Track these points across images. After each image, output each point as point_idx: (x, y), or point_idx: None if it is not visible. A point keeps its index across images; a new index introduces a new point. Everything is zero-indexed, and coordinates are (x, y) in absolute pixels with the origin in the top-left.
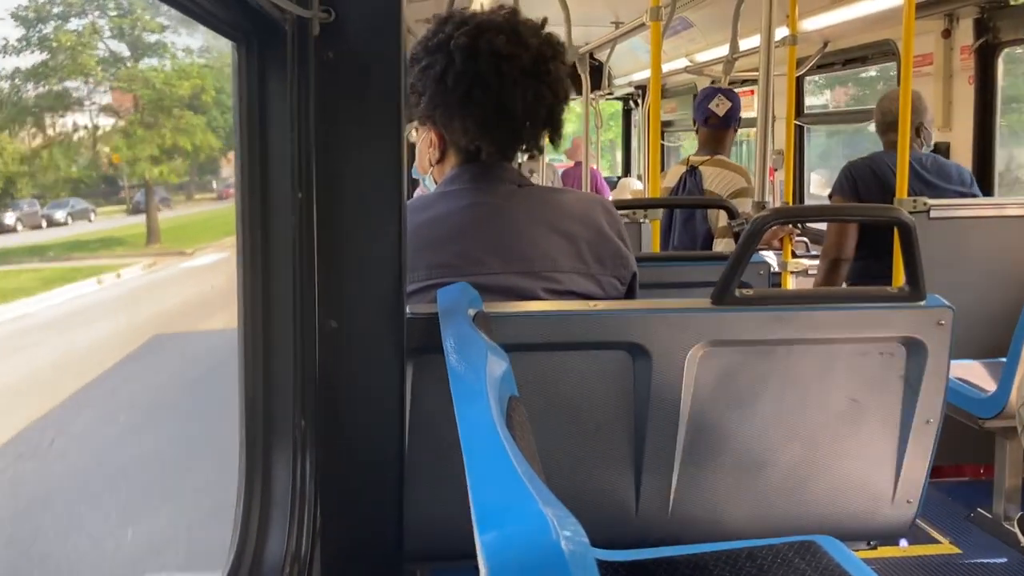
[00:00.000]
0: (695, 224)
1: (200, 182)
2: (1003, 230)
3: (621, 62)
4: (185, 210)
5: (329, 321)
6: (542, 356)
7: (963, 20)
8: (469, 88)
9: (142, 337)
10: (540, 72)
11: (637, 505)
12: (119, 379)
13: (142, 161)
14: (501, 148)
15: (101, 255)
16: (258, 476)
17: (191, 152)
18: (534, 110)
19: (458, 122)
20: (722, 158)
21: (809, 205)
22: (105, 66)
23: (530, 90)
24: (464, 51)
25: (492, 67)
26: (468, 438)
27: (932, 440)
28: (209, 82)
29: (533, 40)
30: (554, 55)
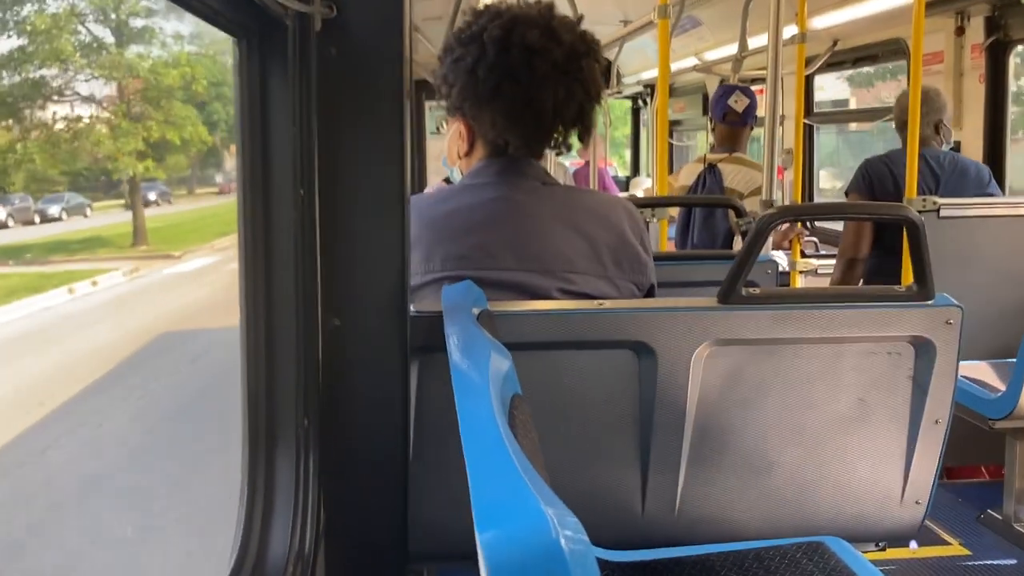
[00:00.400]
0: (715, 222)
1: (202, 176)
2: (1014, 229)
3: (630, 61)
4: (186, 205)
5: (332, 319)
6: (547, 355)
7: (974, 18)
8: (499, 81)
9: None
10: (572, 69)
11: (643, 505)
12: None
13: (125, 155)
14: (528, 143)
15: (80, 258)
16: (261, 476)
17: (180, 146)
18: (565, 107)
19: (487, 114)
20: (741, 155)
21: (816, 203)
22: (85, 52)
23: (561, 86)
24: (497, 43)
25: (524, 61)
26: (469, 436)
27: (941, 441)
28: (200, 71)
29: (567, 36)
30: (587, 52)
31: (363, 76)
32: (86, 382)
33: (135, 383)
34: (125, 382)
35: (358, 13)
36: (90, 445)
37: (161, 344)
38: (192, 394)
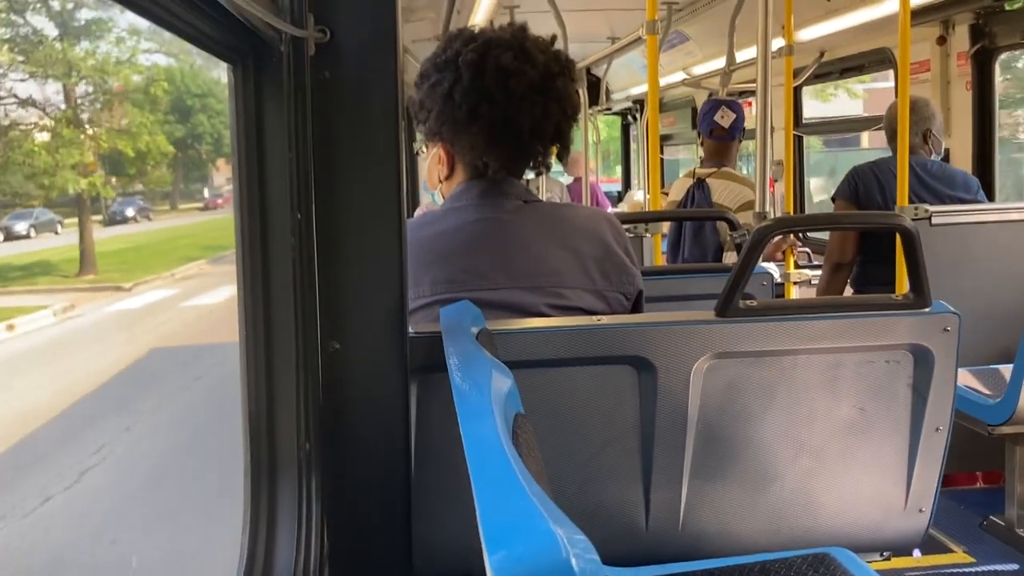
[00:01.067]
0: (705, 236)
1: (187, 191)
2: (1005, 235)
3: (618, 77)
4: (167, 221)
5: (331, 342)
6: (547, 372)
7: (959, 26)
8: (476, 104)
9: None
10: (547, 88)
11: (647, 520)
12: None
13: (64, 169)
14: (508, 164)
15: (13, 289)
16: (264, 500)
17: (134, 159)
18: (541, 126)
19: (465, 137)
20: (729, 170)
21: (811, 215)
22: (18, 47)
23: (537, 106)
24: (472, 67)
25: (499, 83)
26: (475, 457)
27: (942, 448)
28: (161, 72)
29: (540, 56)
30: (561, 71)
31: (357, 99)
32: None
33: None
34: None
35: (351, 37)
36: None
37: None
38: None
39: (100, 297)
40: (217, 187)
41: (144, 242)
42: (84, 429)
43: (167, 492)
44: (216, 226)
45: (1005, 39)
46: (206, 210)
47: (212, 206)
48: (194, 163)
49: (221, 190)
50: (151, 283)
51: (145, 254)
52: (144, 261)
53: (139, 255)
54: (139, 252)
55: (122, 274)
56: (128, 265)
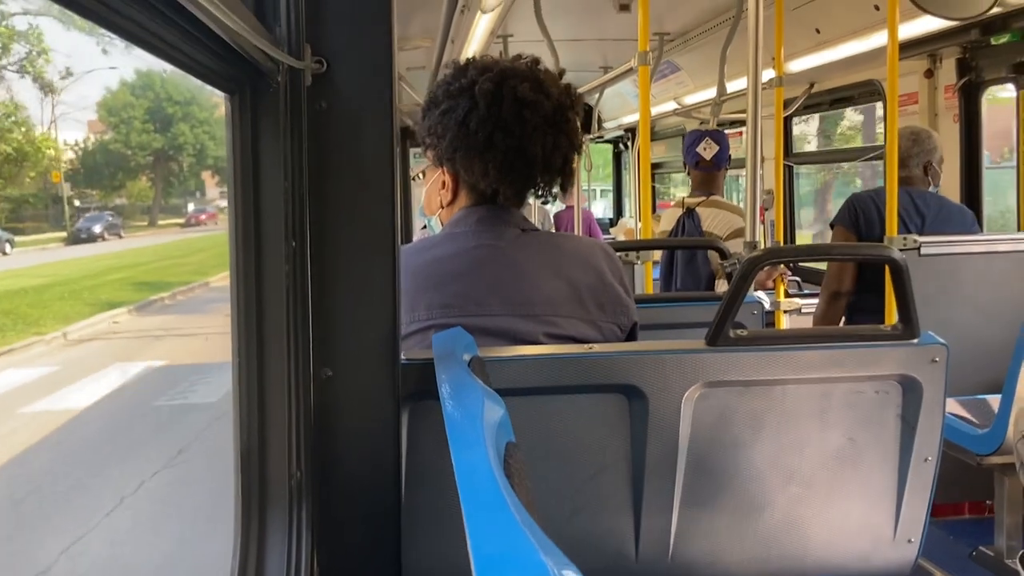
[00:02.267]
0: (697, 265)
1: (168, 205)
2: (994, 266)
3: (610, 105)
4: (140, 240)
5: (324, 370)
6: (538, 400)
7: (946, 60)
8: (492, 132)
9: None
10: (559, 120)
11: (637, 550)
12: None
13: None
14: (518, 192)
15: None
16: (254, 528)
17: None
18: (552, 157)
19: (479, 165)
20: (717, 199)
21: (800, 245)
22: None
23: (549, 137)
24: (488, 96)
25: (515, 113)
26: (466, 486)
27: (931, 478)
28: (45, 42)
29: (554, 89)
30: (571, 104)
31: (353, 128)
32: None
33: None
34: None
35: (348, 67)
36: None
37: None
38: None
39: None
40: (203, 201)
41: (67, 276)
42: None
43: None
44: (180, 249)
45: (991, 73)
46: (188, 227)
47: (195, 222)
48: (175, 176)
49: (206, 204)
50: (49, 343)
51: (50, 296)
52: (38, 310)
53: (39, 299)
54: (43, 294)
55: (16, 329)
56: (31, 311)
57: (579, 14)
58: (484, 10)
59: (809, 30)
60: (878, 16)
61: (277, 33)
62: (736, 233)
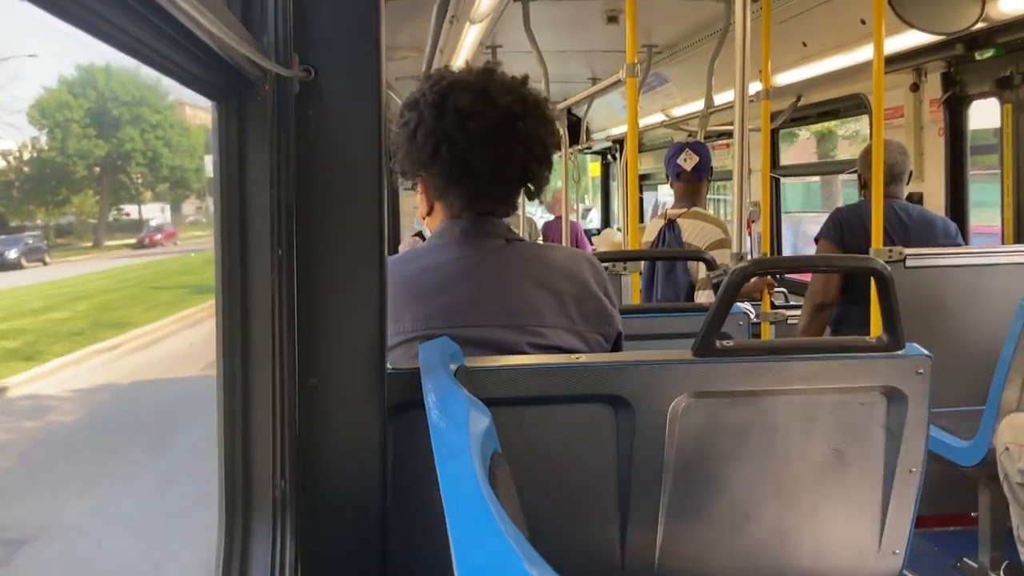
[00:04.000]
0: (676, 276)
1: (122, 224)
2: (978, 279)
3: (599, 117)
4: (73, 266)
5: (309, 378)
6: (524, 410)
7: (931, 74)
8: (437, 145)
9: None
10: (508, 129)
11: (623, 560)
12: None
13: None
14: (470, 204)
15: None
16: (238, 537)
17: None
18: (504, 167)
19: (429, 178)
20: (699, 210)
21: (787, 256)
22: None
23: (500, 146)
24: (433, 108)
25: (457, 124)
26: (450, 496)
27: (916, 489)
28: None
29: (504, 98)
30: (526, 112)
31: (340, 137)
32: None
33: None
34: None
35: (335, 76)
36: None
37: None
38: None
39: None
40: (159, 217)
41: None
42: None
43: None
44: (96, 284)
45: (975, 87)
46: (141, 248)
47: (149, 242)
48: (126, 189)
49: (164, 222)
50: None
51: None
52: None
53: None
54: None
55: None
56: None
57: (568, 26)
58: (473, 20)
59: (796, 44)
60: (864, 30)
61: (265, 41)
62: (716, 244)
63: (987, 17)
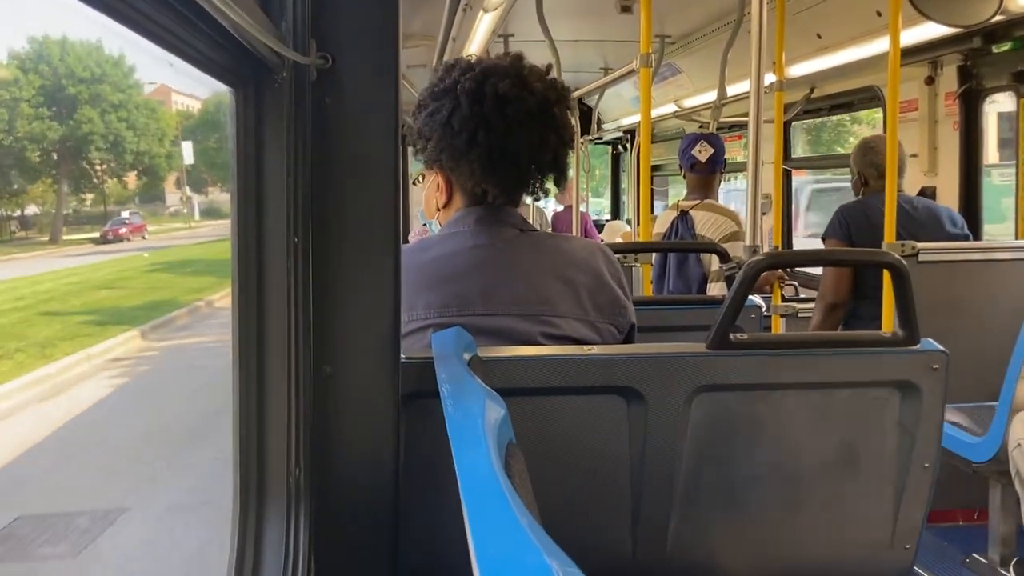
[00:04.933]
0: (689, 268)
1: (84, 214)
2: (992, 274)
3: (609, 107)
4: (27, 264)
5: (324, 367)
6: (537, 400)
7: (947, 67)
8: (475, 131)
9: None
10: (544, 116)
11: (634, 551)
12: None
13: None
14: (506, 190)
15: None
16: (251, 525)
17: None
18: (539, 153)
19: (464, 165)
20: (712, 202)
21: (802, 250)
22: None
23: (535, 133)
24: (470, 95)
25: (497, 110)
26: (468, 487)
27: (928, 485)
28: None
29: (537, 84)
30: (558, 99)
31: (356, 125)
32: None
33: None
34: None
35: (352, 63)
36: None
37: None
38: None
39: None
40: (122, 210)
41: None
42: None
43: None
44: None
45: (992, 81)
46: (104, 243)
47: (113, 237)
48: (87, 177)
49: (134, 213)
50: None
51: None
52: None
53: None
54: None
55: None
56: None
57: (581, 15)
58: (487, 9)
59: (810, 35)
60: (879, 22)
61: (283, 28)
62: (730, 237)
63: (1005, 10)
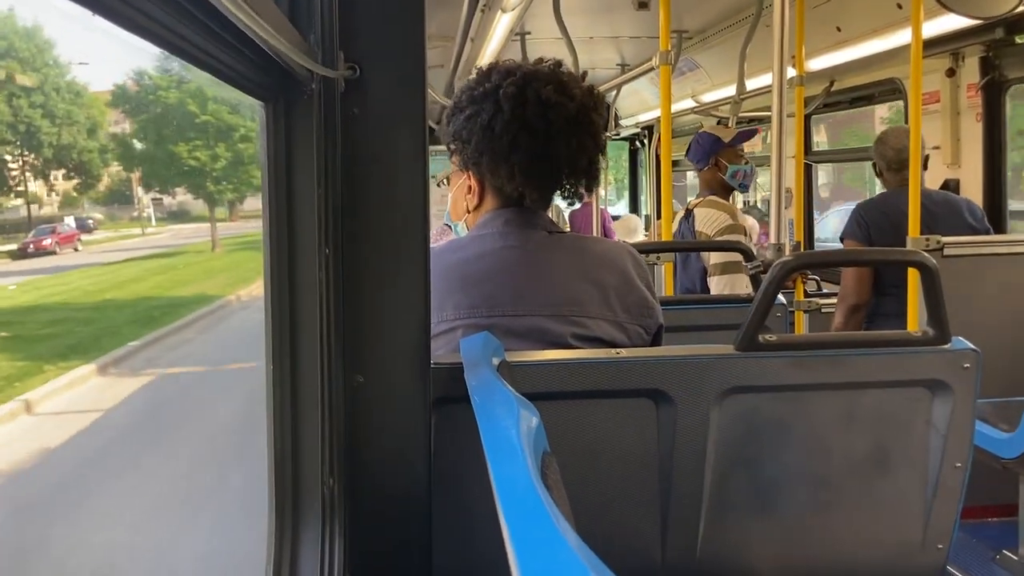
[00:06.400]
0: (691, 264)
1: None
2: (1018, 267)
3: (626, 103)
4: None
5: (356, 376)
6: (566, 404)
7: (969, 58)
8: (516, 135)
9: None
10: (584, 122)
11: (663, 554)
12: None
13: None
14: (544, 194)
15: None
16: (288, 539)
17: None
18: (577, 158)
19: (504, 168)
20: (714, 199)
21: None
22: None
23: (574, 139)
24: (512, 100)
25: (539, 115)
26: (507, 500)
27: (961, 484)
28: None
29: (577, 91)
30: (595, 106)
31: (385, 135)
32: None
33: None
34: None
35: (380, 73)
36: None
37: None
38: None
39: None
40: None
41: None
42: None
43: None
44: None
45: (1015, 72)
46: (24, 257)
47: (36, 249)
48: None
49: (84, 218)
50: None
51: None
52: None
53: None
54: None
55: None
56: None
57: (597, 12)
58: (505, 9)
59: (830, 28)
60: (901, 14)
61: (312, 41)
62: (724, 230)
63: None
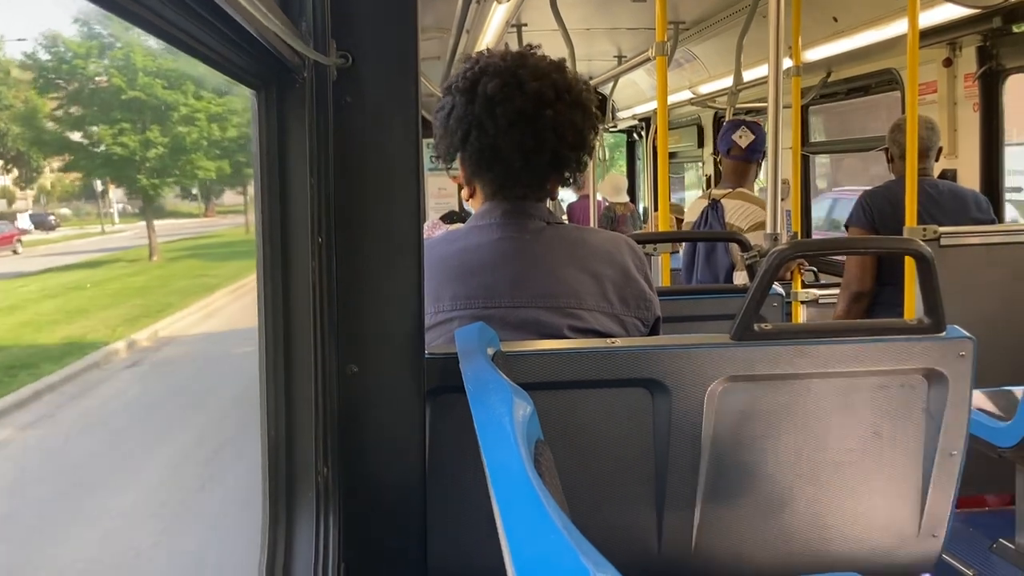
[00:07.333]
0: (717, 258)
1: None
2: (1014, 256)
3: (624, 94)
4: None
5: (350, 365)
6: (561, 394)
7: (966, 48)
8: (467, 130)
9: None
10: (537, 116)
11: (660, 543)
12: None
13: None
14: (500, 189)
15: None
16: (282, 527)
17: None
18: (535, 154)
19: (462, 162)
20: (744, 191)
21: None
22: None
23: (527, 134)
24: (463, 95)
25: (486, 110)
26: (500, 487)
27: (956, 472)
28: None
29: (533, 84)
30: (557, 98)
31: (377, 123)
32: None
33: None
34: None
35: (372, 61)
36: None
37: None
38: None
39: None
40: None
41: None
42: None
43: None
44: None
45: (1012, 61)
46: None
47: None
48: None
49: (41, 215)
50: None
51: None
52: None
53: None
54: None
55: None
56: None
57: (593, 3)
58: (500, 0)
59: (827, 19)
60: (897, 4)
61: (303, 29)
62: (758, 226)
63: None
